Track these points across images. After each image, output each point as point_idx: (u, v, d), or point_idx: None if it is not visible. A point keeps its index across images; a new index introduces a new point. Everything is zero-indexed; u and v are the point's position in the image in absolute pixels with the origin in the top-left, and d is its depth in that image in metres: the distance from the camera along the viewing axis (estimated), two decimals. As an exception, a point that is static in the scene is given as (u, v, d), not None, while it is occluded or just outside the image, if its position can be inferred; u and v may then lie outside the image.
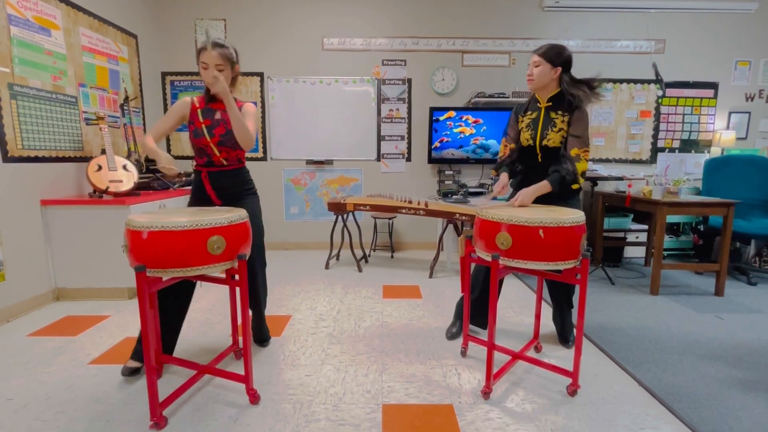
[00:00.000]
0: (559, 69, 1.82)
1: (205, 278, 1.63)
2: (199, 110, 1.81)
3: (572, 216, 1.48)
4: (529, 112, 1.96)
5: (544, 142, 1.89)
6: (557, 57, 1.81)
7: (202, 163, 1.86)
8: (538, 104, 1.94)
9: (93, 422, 1.47)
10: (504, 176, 1.99)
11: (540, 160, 1.94)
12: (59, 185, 2.79)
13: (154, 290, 1.46)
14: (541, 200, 1.91)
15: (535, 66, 1.84)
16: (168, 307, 1.80)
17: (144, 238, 1.32)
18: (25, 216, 2.54)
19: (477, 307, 2.13)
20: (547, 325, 2.34)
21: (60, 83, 2.79)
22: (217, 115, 1.81)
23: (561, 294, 2.10)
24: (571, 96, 1.82)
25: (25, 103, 2.52)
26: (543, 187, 1.80)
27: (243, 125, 1.73)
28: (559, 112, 1.86)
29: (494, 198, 3.23)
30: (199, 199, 1.89)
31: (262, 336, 2.09)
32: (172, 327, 1.85)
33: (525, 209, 1.64)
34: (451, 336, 2.18)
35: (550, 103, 1.89)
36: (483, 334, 2.20)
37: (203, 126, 1.79)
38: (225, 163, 1.85)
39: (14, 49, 2.45)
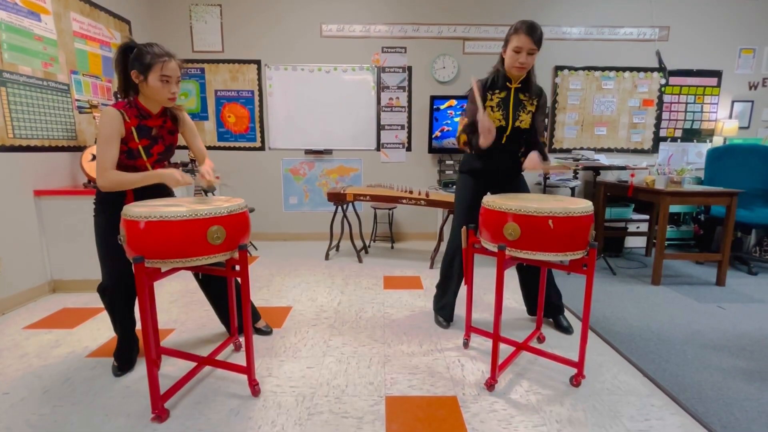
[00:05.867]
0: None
1: (204, 269, 1.60)
2: (133, 128, 1.57)
3: (581, 205, 1.45)
4: (498, 91, 1.91)
5: (517, 124, 1.92)
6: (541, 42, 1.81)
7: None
8: (508, 84, 1.90)
9: (92, 416, 1.45)
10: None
11: (504, 141, 1.95)
12: (53, 175, 2.73)
13: (152, 282, 1.42)
14: (499, 179, 2.03)
15: (529, 54, 1.78)
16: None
17: (141, 229, 1.28)
18: (19, 207, 2.49)
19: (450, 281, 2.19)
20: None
21: (51, 70, 2.71)
22: (154, 132, 1.63)
23: (536, 277, 2.10)
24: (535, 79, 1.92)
25: (15, 90, 2.44)
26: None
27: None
28: (527, 95, 1.90)
29: None
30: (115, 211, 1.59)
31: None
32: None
33: (532, 200, 1.61)
34: (440, 308, 2.22)
35: (520, 85, 1.90)
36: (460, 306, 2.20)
37: (140, 147, 1.59)
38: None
39: (2, 35, 2.36)
